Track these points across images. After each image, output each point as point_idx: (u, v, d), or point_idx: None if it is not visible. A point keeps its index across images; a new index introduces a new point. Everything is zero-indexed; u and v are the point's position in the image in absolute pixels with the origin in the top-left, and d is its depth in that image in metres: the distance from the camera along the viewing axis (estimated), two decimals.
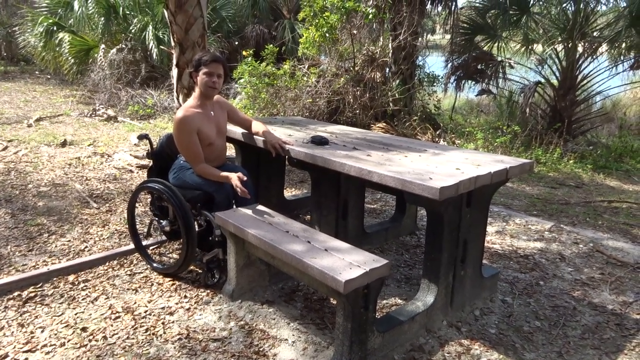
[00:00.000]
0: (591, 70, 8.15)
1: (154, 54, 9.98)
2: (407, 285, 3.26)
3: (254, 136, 3.35)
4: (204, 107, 3.14)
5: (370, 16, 7.43)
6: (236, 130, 3.52)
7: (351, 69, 7.81)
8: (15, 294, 2.93)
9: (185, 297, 2.97)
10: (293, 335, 2.63)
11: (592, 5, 7.91)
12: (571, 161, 7.07)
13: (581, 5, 7.78)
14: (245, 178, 2.94)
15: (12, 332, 2.58)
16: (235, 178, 2.91)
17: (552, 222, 4.46)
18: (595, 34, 7.97)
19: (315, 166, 2.93)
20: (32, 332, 2.58)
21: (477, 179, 2.47)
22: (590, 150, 7.62)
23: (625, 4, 7.61)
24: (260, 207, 3.03)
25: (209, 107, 3.17)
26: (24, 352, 2.43)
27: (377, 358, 2.41)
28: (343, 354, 2.31)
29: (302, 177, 5.69)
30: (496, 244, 3.97)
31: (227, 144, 3.47)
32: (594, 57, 8.03)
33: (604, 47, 8.04)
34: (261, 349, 2.51)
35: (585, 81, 8.20)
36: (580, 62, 8.00)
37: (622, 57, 8.00)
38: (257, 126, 3.35)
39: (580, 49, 7.98)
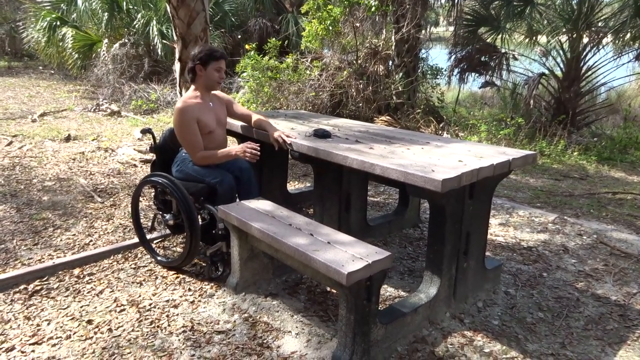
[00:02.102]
0: (596, 62, 8.09)
1: (158, 48, 9.99)
2: (410, 277, 3.27)
3: (256, 129, 3.35)
4: (204, 99, 3.16)
5: (373, 9, 7.41)
6: (238, 124, 3.52)
7: (354, 62, 7.80)
8: (22, 287, 2.96)
9: (190, 290, 2.99)
10: (296, 327, 2.65)
11: None
12: (575, 153, 7.05)
13: None
14: (256, 146, 3.01)
15: (19, 324, 2.61)
16: (239, 148, 2.96)
17: (555, 214, 4.46)
18: (600, 24, 7.91)
19: (318, 159, 2.93)
20: (38, 325, 2.61)
21: (479, 171, 2.46)
22: (595, 141, 7.58)
23: None
24: (263, 201, 3.03)
25: (207, 99, 3.20)
26: (30, 344, 2.45)
27: (380, 349, 2.42)
28: (346, 345, 2.32)
29: (305, 170, 5.70)
30: (499, 236, 3.97)
31: (231, 137, 3.47)
32: (599, 48, 7.96)
33: (608, 38, 7.97)
34: (265, 341, 2.53)
35: (589, 72, 8.15)
36: (584, 53, 7.95)
37: (627, 48, 7.93)
38: (258, 119, 3.35)
39: (585, 39, 7.92)
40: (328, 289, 3.02)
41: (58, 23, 10.69)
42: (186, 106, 3.05)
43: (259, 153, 3.00)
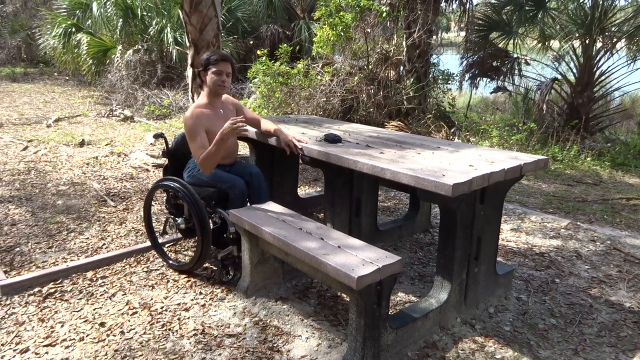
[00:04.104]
0: (609, 66, 8.02)
1: (172, 55, 10.10)
2: (420, 282, 3.25)
3: (267, 134, 3.37)
4: (213, 106, 3.17)
5: (384, 14, 7.43)
6: (250, 129, 3.54)
7: (365, 67, 7.81)
8: (36, 289, 3.00)
9: (201, 293, 3.01)
10: (307, 331, 2.65)
11: (610, 0, 7.79)
12: (589, 158, 6.98)
13: (599, 0, 7.65)
14: (240, 117, 2.93)
15: (33, 326, 2.65)
16: (225, 127, 2.87)
17: (568, 220, 4.42)
18: (613, 29, 7.84)
19: (329, 164, 2.94)
20: (52, 327, 2.64)
21: (490, 176, 2.46)
22: (609, 147, 7.50)
23: None
24: (274, 205, 3.05)
25: (218, 105, 3.21)
26: (44, 346, 2.49)
27: (390, 354, 2.42)
28: (356, 350, 2.32)
29: (315, 175, 5.71)
30: (511, 241, 3.94)
31: (243, 143, 3.49)
32: (612, 52, 7.89)
33: (622, 43, 7.90)
34: (275, 345, 2.53)
35: (603, 77, 8.08)
36: (597, 58, 7.88)
37: None
38: (267, 124, 3.36)
39: (598, 44, 7.86)
40: (338, 293, 3.02)
41: (73, 29, 10.86)
42: (193, 115, 3.06)
43: (245, 122, 2.91)
